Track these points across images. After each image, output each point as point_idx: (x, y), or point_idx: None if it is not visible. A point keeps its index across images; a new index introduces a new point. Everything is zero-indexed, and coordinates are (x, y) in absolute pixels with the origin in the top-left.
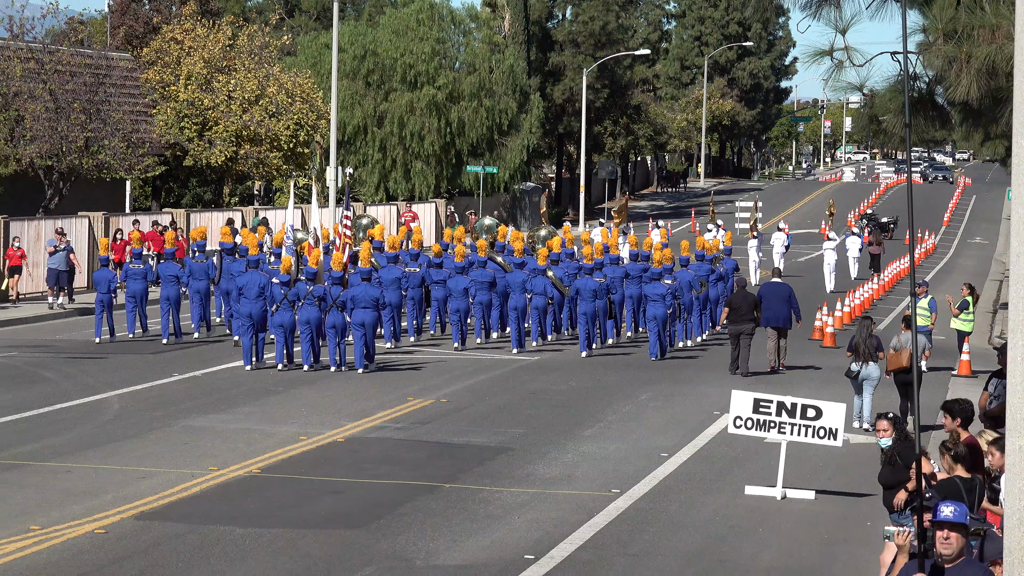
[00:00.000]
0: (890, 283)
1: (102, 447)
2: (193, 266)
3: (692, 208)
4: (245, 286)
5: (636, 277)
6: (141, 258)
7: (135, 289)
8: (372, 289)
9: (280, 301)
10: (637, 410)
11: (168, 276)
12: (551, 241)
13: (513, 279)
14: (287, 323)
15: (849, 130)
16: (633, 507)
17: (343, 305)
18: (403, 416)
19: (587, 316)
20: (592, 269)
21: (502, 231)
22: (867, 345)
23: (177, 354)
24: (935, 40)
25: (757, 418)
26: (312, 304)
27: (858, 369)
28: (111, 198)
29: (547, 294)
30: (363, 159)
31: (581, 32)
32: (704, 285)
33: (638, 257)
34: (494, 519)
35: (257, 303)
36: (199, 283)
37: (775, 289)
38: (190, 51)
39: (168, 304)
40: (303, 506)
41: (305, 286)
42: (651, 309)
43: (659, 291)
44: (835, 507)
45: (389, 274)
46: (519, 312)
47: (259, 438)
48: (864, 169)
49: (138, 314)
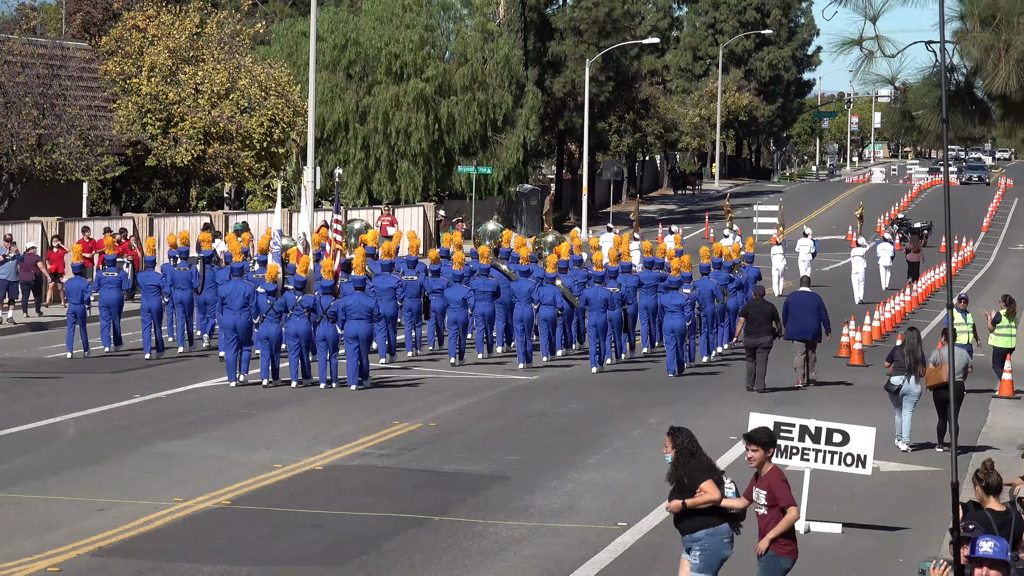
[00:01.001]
0: (924, 294)
1: (56, 476)
2: (175, 275)
3: (706, 212)
4: (229, 296)
5: (651, 286)
6: (115, 265)
7: (109, 299)
8: (366, 299)
9: (266, 312)
10: (646, 435)
11: (149, 286)
12: (559, 247)
13: (519, 288)
14: (273, 336)
15: (879, 127)
16: (641, 542)
17: (334, 316)
18: (388, 441)
19: (598, 328)
20: (603, 278)
21: (506, 236)
22: (912, 357)
23: (140, 373)
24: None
25: (778, 444)
26: (301, 315)
27: (899, 383)
28: (66, 201)
29: (556, 304)
30: (344, 159)
31: (584, 19)
32: (726, 294)
33: (652, 265)
34: (489, 555)
35: (242, 314)
36: (182, 293)
37: (803, 299)
38: (153, 40)
39: (150, 316)
40: (278, 541)
41: (293, 296)
42: (669, 321)
43: (678, 301)
44: (864, 541)
45: (384, 283)
46: (525, 324)
47: (229, 466)
48: (895, 170)
49: (112, 326)
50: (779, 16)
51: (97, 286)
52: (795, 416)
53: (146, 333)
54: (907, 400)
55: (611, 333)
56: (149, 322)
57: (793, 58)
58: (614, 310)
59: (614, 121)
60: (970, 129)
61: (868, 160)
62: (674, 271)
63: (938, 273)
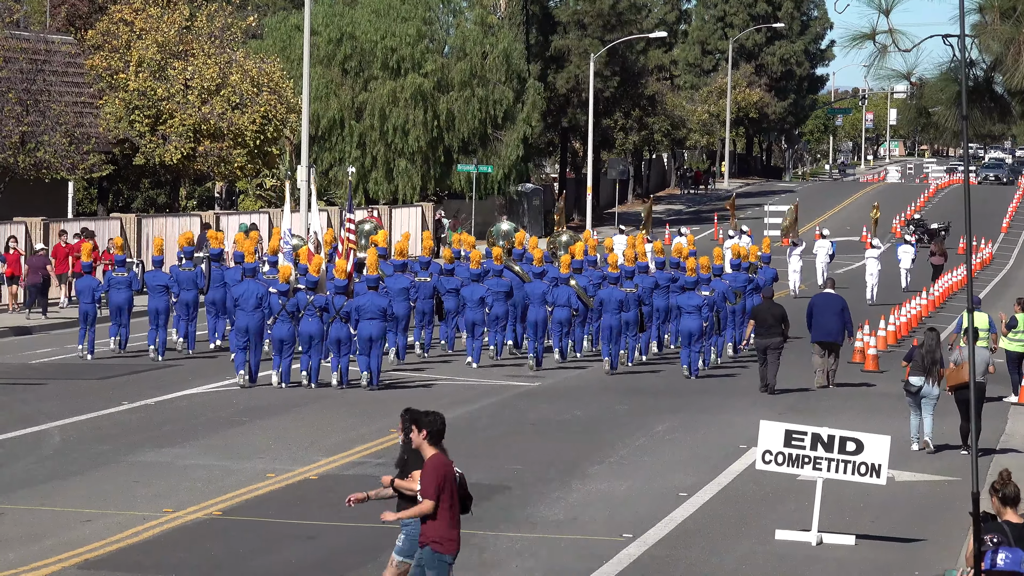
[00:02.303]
0: (941, 298)
1: (41, 486)
2: (181, 275)
3: (715, 213)
4: (242, 297)
5: (664, 287)
6: (125, 266)
7: (119, 300)
8: (379, 299)
9: (278, 312)
10: (652, 443)
11: (156, 286)
12: (573, 247)
13: (532, 290)
14: (286, 336)
15: (894, 124)
16: (647, 554)
17: (347, 317)
18: (384, 450)
19: (612, 330)
20: (618, 279)
21: (519, 237)
22: (931, 358)
23: (127, 379)
24: (991, 20)
25: (789, 452)
26: (313, 316)
27: (919, 383)
28: (51, 201)
29: (571, 305)
30: (339, 157)
31: (588, 12)
32: (739, 296)
33: (665, 265)
34: (489, 567)
35: (254, 315)
36: (188, 293)
37: (827, 301)
38: (141, 34)
39: (157, 317)
40: (271, 553)
41: (305, 296)
42: (686, 322)
43: (695, 302)
44: (878, 554)
45: (396, 283)
46: (539, 326)
47: (220, 475)
48: (911, 168)
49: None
50: (791, 9)
51: (107, 287)
52: (807, 424)
53: (151, 334)
54: (926, 403)
55: (626, 335)
56: (156, 323)
57: (805, 52)
58: (629, 311)
59: (620, 118)
60: (989, 126)
61: (883, 158)
62: (689, 271)
63: (955, 276)
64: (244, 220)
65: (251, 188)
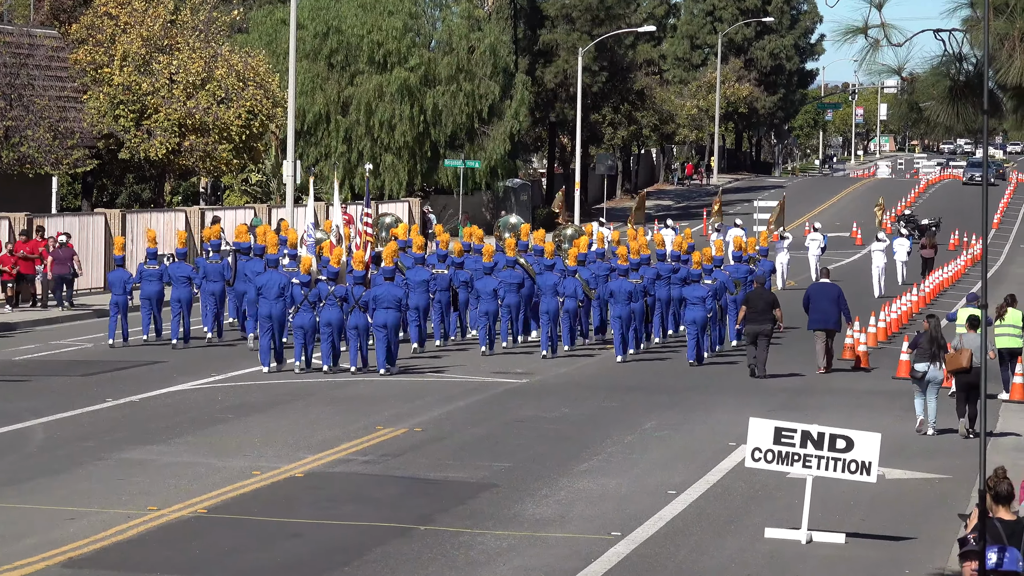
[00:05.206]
0: (932, 293)
1: (23, 484)
2: (207, 267)
3: (704, 208)
4: (265, 286)
5: (665, 278)
6: (156, 259)
7: (150, 291)
8: (395, 289)
9: (300, 302)
10: (641, 440)
11: (179, 277)
12: (578, 240)
13: (544, 282)
14: (307, 324)
15: (885, 119)
16: (636, 552)
17: (365, 306)
18: (372, 447)
19: (622, 320)
20: (627, 270)
21: (524, 230)
22: (936, 344)
23: (112, 376)
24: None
25: (779, 450)
26: (333, 305)
27: (924, 369)
28: (35, 196)
29: (578, 296)
30: (325, 152)
31: (576, 6)
32: (739, 286)
33: (665, 257)
34: (476, 566)
35: (277, 304)
36: (213, 284)
37: (823, 290)
38: (126, 28)
39: (180, 306)
40: (256, 551)
41: (326, 286)
42: (690, 312)
43: (699, 293)
44: (868, 552)
45: (417, 276)
46: (551, 316)
47: (205, 473)
48: (902, 164)
49: (153, 317)
50: (781, 3)
51: (139, 279)
52: (797, 421)
53: (174, 323)
54: (931, 387)
55: (635, 323)
56: (179, 312)
57: (795, 47)
58: (637, 302)
59: (608, 113)
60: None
61: (874, 154)
62: (696, 264)
63: (946, 272)
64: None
65: (237, 183)
